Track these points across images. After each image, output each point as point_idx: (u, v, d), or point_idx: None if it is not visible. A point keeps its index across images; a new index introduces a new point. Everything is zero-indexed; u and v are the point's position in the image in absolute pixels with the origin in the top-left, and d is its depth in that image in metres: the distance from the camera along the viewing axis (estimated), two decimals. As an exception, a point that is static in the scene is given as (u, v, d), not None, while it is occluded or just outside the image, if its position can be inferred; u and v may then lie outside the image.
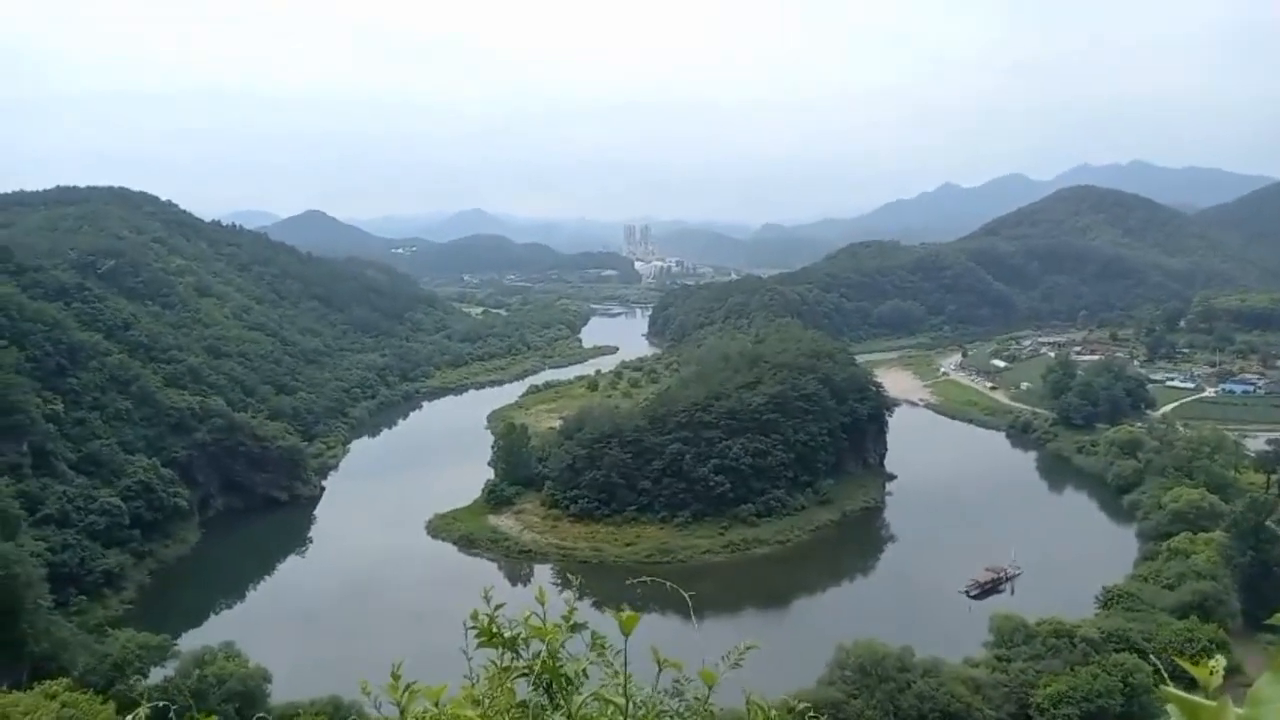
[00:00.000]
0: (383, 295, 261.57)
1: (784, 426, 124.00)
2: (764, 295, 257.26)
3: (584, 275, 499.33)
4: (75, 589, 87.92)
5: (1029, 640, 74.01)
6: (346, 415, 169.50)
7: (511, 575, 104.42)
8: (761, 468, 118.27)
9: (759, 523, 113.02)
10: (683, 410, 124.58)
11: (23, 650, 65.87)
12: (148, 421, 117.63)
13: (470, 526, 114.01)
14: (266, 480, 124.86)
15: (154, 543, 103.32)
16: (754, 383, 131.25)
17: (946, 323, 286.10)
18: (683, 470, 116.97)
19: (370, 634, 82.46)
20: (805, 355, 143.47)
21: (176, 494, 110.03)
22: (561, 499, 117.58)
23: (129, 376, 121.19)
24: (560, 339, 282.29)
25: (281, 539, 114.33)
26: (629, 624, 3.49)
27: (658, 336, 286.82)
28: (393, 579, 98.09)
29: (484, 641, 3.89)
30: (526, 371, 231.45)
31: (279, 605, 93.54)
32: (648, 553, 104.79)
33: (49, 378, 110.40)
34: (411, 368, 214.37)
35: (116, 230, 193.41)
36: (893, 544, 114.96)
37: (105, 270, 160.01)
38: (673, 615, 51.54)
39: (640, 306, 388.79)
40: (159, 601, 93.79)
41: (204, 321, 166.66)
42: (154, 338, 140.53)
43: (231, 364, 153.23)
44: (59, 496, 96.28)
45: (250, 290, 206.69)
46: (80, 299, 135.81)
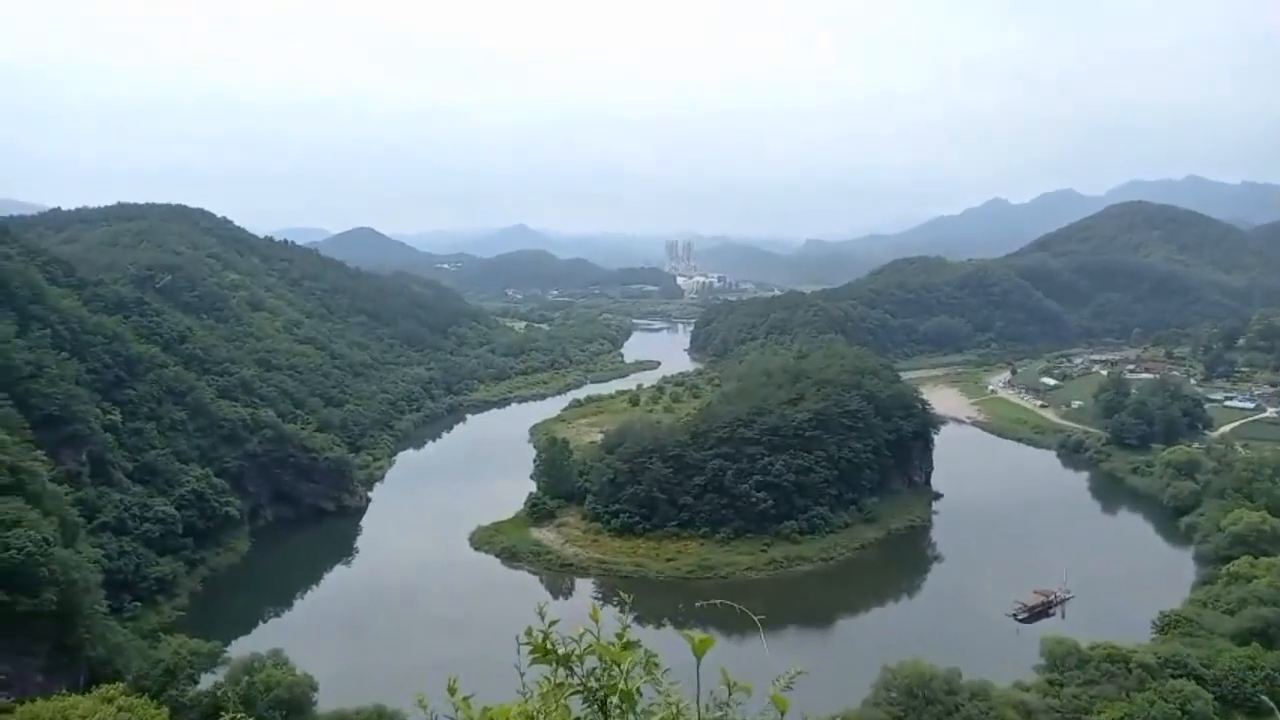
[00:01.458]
0: (428, 310, 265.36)
1: (827, 443, 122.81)
2: (807, 311, 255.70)
3: (626, 290, 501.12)
4: (130, 595, 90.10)
5: (1082, 665, 72.04)
6: (392, 427, 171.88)
7: (553, 588, 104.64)
8: (804, 484, 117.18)
9: (802, 540, 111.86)
10: (724, 426, 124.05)
11: (80, 654, 67.68)
12: (201, 432, 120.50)
13: (512, 539, 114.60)
14: (315, 491, 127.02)
15: (206, 551, 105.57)
16: (796, 399, 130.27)
17: (994, 340, 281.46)
18: (724, 486, 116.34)
19: (414, 644, 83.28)
20: (849, 372, 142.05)
21: (228, 503, 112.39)
22: (602, 513, 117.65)
23: (184, 388, 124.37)
24: (602, 354, 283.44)
25: (329, 549, 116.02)
26: (702, 647, 3.51)
27: (699, 352, 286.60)
28: (436, 590, 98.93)
29: (538, 658, 3.96)
30: (568, 385, 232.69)
31: (325, 614, 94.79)
32: (689, 569, 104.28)
33: (108, 389, 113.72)
34: (456, 381, 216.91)
35: (174, 246, 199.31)
36: (938, 564, 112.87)
37: (163, 284, 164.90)
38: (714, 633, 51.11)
39: (682, 322, 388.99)
40: (210, 608, 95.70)
41: (256, 335, 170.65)
42: (208, 350, 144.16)
43: (282, 376, 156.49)
44: (116, 505, 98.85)
45: (301, 305, 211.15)
46: (139, 312, 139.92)
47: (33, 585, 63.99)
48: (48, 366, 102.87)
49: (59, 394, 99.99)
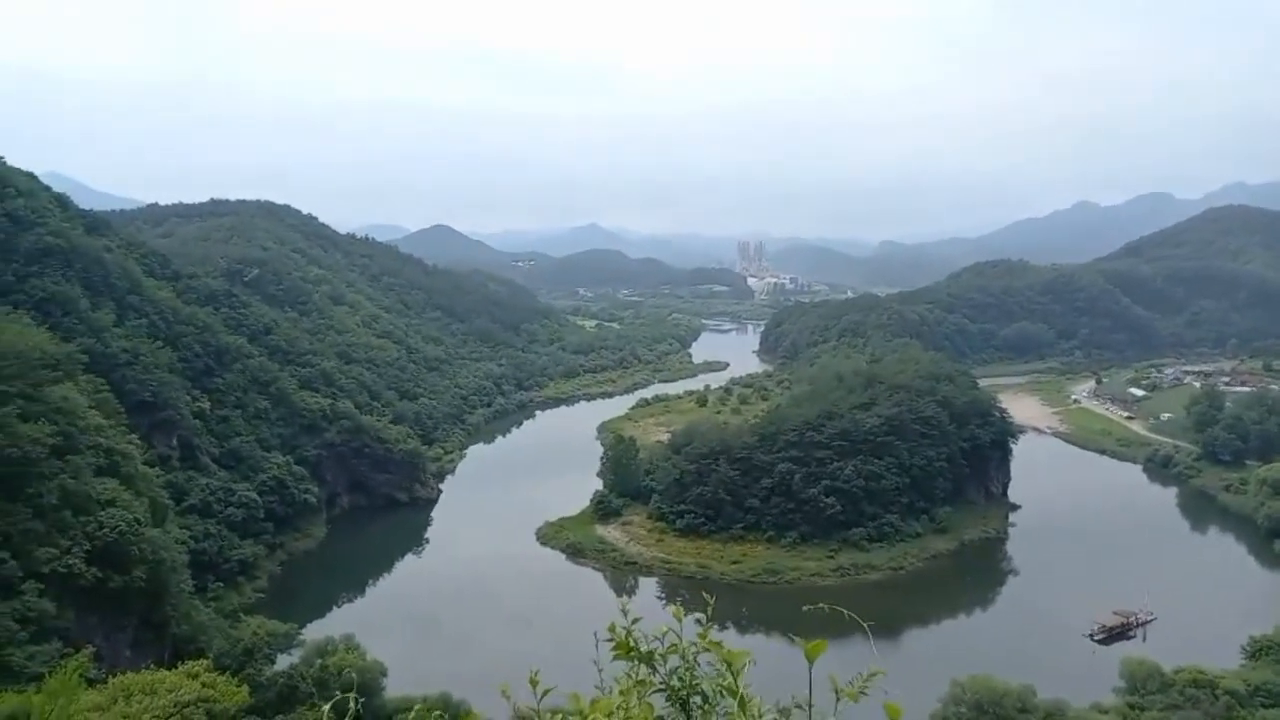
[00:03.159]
0: (501, 307, 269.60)
1: (899, 450, 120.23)
2: (881, 314, 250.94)
3: (696, 290, 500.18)
4: (213, 576, 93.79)
5: (1165, 689, 68.79)
6: (464, 421, 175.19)
7: (617, 586, 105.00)
8: (874, 491, 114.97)
9: (870, 548, 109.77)
10: (793, 429, 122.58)
11: (166, 631, 70.79)
12: (283, 421, 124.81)
13: (578, 535, 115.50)
14: (388, 481, 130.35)
15: (285, 536, 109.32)
16: (868, 404, 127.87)
17: (1079, 347, 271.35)
18: (792, 490, 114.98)
19: (480, 636, 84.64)
20: (924, 377, 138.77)
21: (307, 491, 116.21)
22: (668, 513, 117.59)
23: (268, 378, 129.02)
24: (671, 353, 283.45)
25: (400, 538, 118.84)
26: (815, 651, 3.41)
27: (769, 353, 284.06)
28: (503, 583, 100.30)
29: (620, 654, 3.91)
30: (636, 385, 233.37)
31: (395, 602, 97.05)
32: (754, 572, 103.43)
33: (198, 377, 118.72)
34: (526, 377, 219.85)
35: (262, 241, 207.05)
36: (1014, 578, 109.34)
37: (250, 278, 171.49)
38: (777, 638, 50.57)
39: (752, 323, 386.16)
40: (287, 591, 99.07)
41: (337, 328, 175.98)
42: (291, 342, 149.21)
43: (360, 369, 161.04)
44: (202, 488, 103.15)
45: (380, 300, 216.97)
46: (228, 304, 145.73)
47: (124, 563, 67.15)
48: (143, 355, 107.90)
49: (153, 381, 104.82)
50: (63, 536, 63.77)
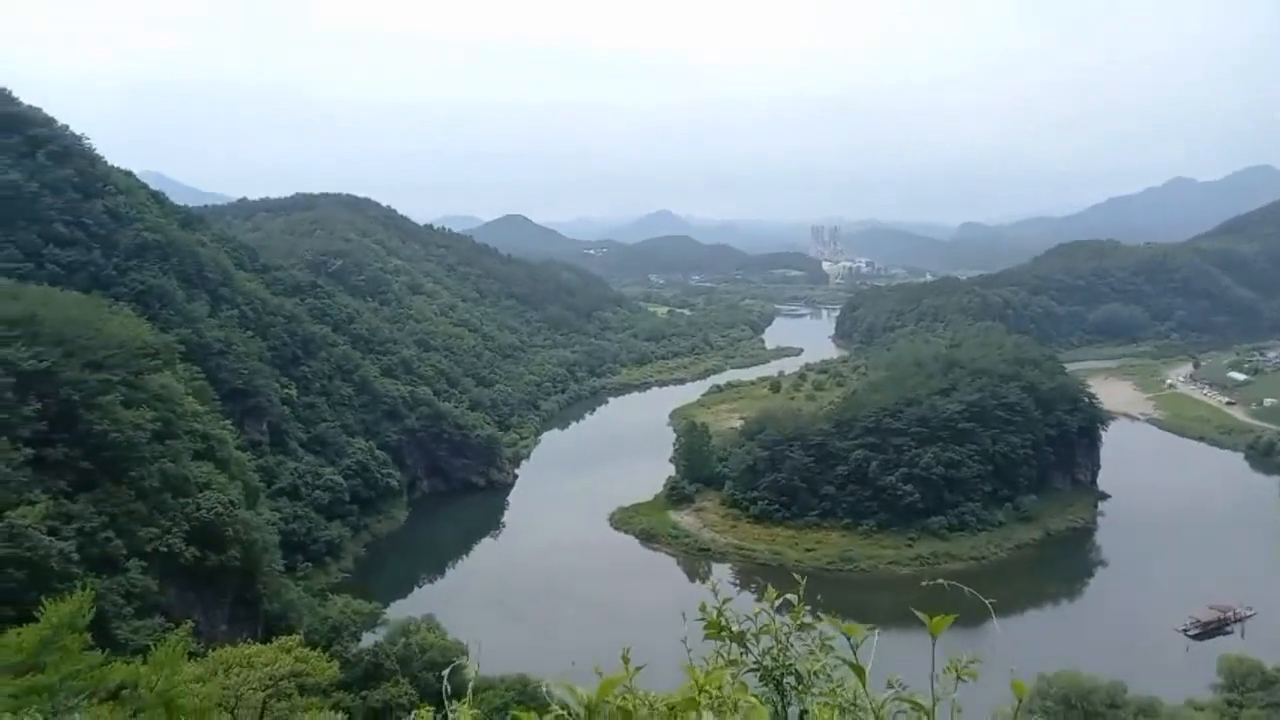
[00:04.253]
0: (574, 295, 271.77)
1: (981, 436, 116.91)
2: (962, 297, 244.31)
3: (769, 276, 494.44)
4: (302, 556, 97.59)
5: (1266, 686, 65.35)
6: (538, 408, 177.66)
7: (690, 572, 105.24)
8: (955, 479, 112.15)
9: (950, 537, 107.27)
10: (870, 415, 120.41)
11: (258, 607, 74.00)
12: (366, 407, 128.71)
13: (651, 521, 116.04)
14: (466, 466, 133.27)
15: (369, 518, 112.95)
16: (948, 389, 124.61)
17: (1174, 330, 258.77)
18: (868, 477, 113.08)
19: (555, 617, 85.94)
20: (1007, 361, 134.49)
21: (389, 475, 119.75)
22: (741, 499, 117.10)
23: (351, 366, 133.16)
24: (743, 339, 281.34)
25: (478, 521, 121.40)
26: (938, 625, 3.29)
27: (844, 339, 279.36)
28: (577, 566, 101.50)
29: (711, 634, 3.85)
30: (709, 371, 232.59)
31: (473, 584, 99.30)
32: (829, 560, 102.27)
33: (286, 365, 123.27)
34: (599, 364, 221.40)
35: (344, 233, 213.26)
36: (1102, 570, 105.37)
37: (334, 269, 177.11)
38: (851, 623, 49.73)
39: (827, 308, 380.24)
40: (371, 572, 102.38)
41: (415, 317, 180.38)
42: (373, 331, 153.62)
43: (438, 357, 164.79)
44: (291, 472, 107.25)
45: (456, 289, 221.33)
46: (313, 295, 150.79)
47: (220, 543, 70.35)
48: (235, 344, 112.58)
49: (244, 369, 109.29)
50: (163, 517, 67.11)
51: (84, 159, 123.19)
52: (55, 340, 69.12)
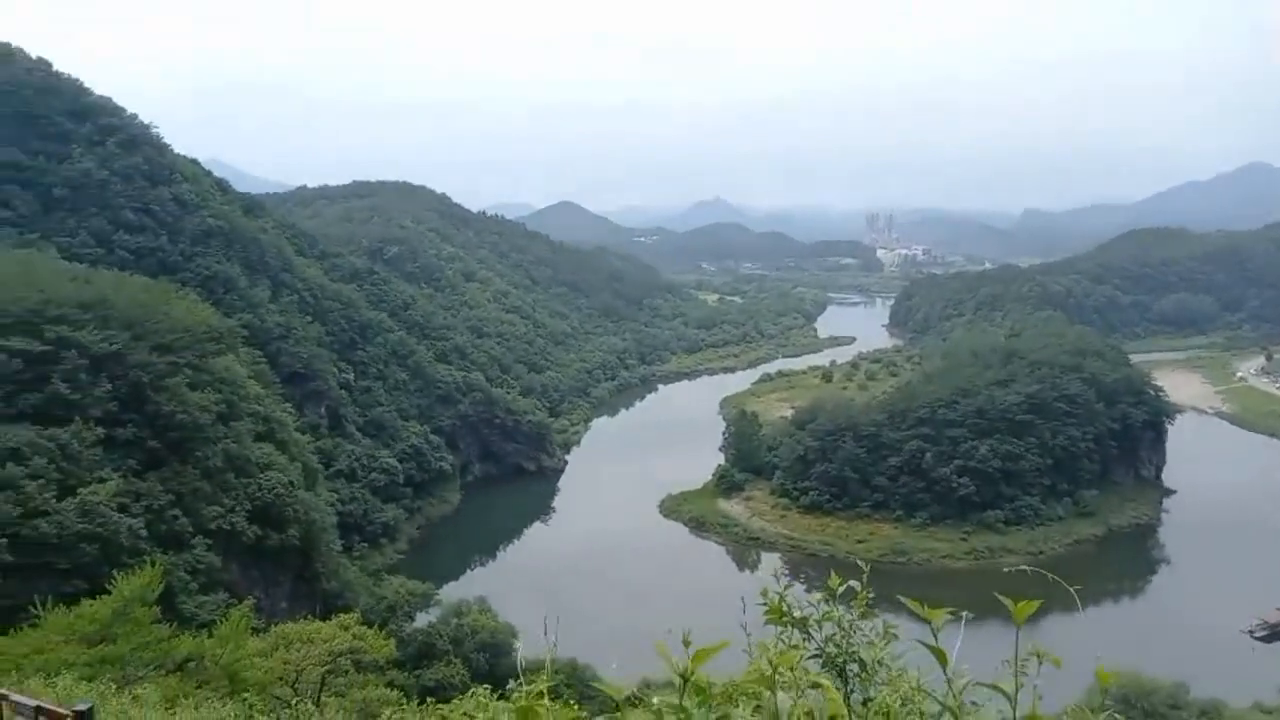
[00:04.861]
0: (624, 282, 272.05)
1: (1040, 429, 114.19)
2: (1022, 286, 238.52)
3: (822, 264, 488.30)
4: (359, 537, 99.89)
5: (1341, 693, 62.92)
6: (588, 395, 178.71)
7: (740, 561, 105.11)
8: (1012, 472, 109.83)
9: (1007, 531, 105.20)
10: (924, 406, 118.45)
11: (317, 586, 75.95)
12: (420, 392, 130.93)
13: (700, 509, 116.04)
14: (517, 451, 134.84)
15: (422, 501, 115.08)
16: (1007, 380, 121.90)
17: (1246, 320, 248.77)
18: (922, 469, 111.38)
19: (605, 603, 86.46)
20: (1069, 352, 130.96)
21: (442, 459, 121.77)
22: (791, 489, 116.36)
23: (406, 351, 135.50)
24: (795, 328, 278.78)
25: (529, 506, 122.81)
26: (1022, 612, 3.21)
27: (899, 328, 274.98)
28: (626, 552, 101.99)
29: (773, 618, 3.80)
30: (760, 359, 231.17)
31: (524, 567, 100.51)
32: (881, 552, 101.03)
33: (343, 350, 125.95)
34: (649, 352, 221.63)
35: (400, 220, 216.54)
36: (1165, 568, 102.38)
37: (390, 256, 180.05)
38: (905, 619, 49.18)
39: (881, 296, 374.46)
40: (424, 554, 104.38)
41: (469, 304, 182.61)
42: (427, 317, 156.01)
43: (490, 343, 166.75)
44: (348, 455, 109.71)
45: (509, 276, 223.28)
46: (370, 281, 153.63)
47: (280, 522, 72.33)
48: (295, 329, 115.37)
49: (304, 353, 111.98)
50: (226, 496, 69.19)
51: (152, 147, 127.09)
52: (125, 324, 71.53)
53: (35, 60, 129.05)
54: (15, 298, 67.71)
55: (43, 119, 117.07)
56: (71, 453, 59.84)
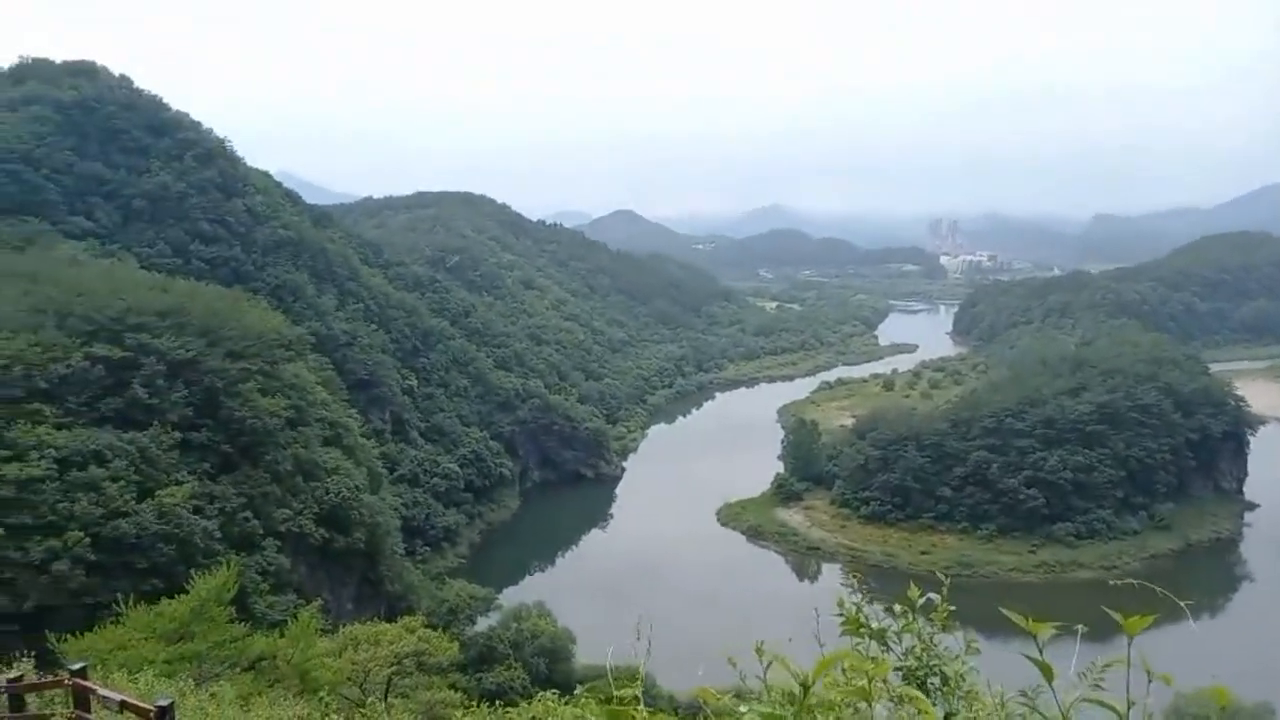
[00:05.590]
0: (682, 289, 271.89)
1: (1113, 440, 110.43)
2: (1093, 293, 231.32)
3: (883, 270, 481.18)
4: (421, 541, 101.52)
5: None
6: (645, 402, 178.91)
7: (799, 571, 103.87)
8: (1083, 484, 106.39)
9: (1078, 544, 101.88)
10: (990, 415, 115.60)
11: (381, 588, 77.51)
12: (480, 399, 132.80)
13: (758, 518, 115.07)
14: (575, 458, 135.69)
15: (483, 506, 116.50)
16: (1077, 389, 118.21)
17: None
18: (988, 480, 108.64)
19: (663, 611, 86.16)
20: (1143, 361, 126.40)
21: (502, 465, 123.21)
22: (852, 499, 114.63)
23: (467, 359, 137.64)
24: (855, 335, 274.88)
25: (587, 512, 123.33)
26: (1134, 626, 3.10)
27: (963, 336, 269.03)
28: (684, 560, 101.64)
29: (849, 630, 3.77)
30: (819, 367, 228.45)
31: (582, 573, 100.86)
32: (945, 564, 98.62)
33: (406, 357, 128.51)
34: (706, 359, 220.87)
35: (461, 230, 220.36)
36: (1247, 584, 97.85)
37: (451, 265, 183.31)
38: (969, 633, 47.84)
39: (945, 303, 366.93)
40: (484, 558, 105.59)
41: (528, 312, 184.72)
42: (487, 325, 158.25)
43: (549, 350, 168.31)
44: (411, 460, 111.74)
45: (567, 284, 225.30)
46: (432, 290, 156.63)
47: (346, 525, 74.09)
48: (360, 336, 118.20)
49: (369, 360, 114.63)
50: (295, 500, 71.15)
51: (226, 161, 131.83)
52: (200, 331, 74.19)
53: (118, 77, 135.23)
54: (99, 306, 70.85)
55: (124, 134, 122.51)
56: (150, 456, 62.26)
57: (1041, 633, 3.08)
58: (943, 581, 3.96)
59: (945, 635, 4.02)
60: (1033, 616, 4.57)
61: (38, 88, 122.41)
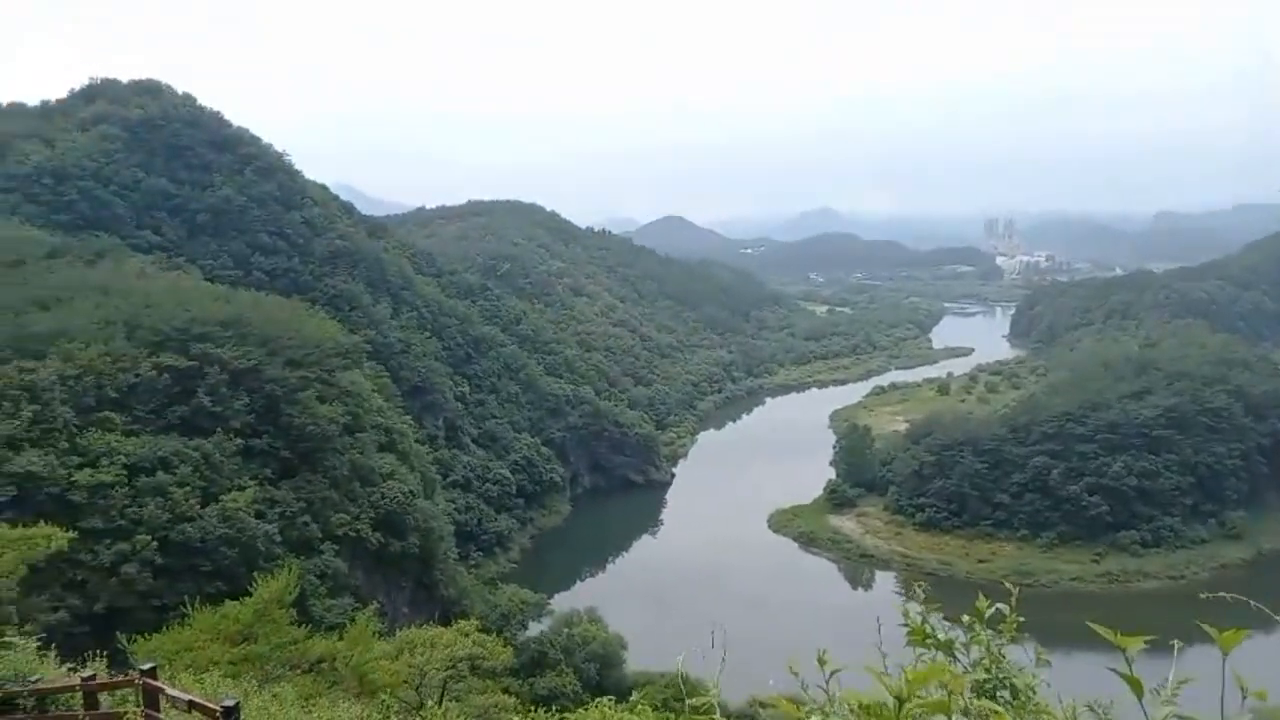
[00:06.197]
0: (730, 294, 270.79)
1: (1180, 445, 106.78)
2: (1157, 293, 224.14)
3: (937, 272, 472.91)
4: (474, 546, 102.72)
5: None
6: (695, 407, 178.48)
7: (852, 578, 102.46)
8: (1149, 491, 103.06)
9: (1143, 553, 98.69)
10: (1050, 420, 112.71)
11: (435, 592, 78.53)
12: (531, 405, 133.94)
13: (810, 524, 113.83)
14: (625, 463, 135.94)
15: (534, 511, 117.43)
16: (1142, 393, 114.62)
17: None
18: (1048, 486, 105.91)
19: (715, 618, 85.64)
20: (1212, 363, 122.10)
21: (553, 470, 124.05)
22: (906, 506, 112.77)
23: (518, 365, 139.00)
24: (908, 339, 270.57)
25: (637, 518, 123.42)
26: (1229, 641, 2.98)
27: (1021, 338, 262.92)
28: (735, 567, 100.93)
29: (915, 640, 3.69)
30: (871, 371, 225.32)
31: (632, 579, 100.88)
32: (1004, 572, 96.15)
33: (459, 364, 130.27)
34: (756, 364, 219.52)
35: (512, 238, 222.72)
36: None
37: (502, 273, 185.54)
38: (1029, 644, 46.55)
39: (1001, 305, 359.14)
40: (536, 563, 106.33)
41: (577, 318, 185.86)
42: (537, 331, 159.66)
43: (598, 357, 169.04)
44: (464, 465, 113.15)
45: (615, 290, 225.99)
46: (483, 297, 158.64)
47: (402, 530, 75.29)
48: (414, 344, 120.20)
49: (422, 368, 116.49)
50: (352, 504, 72.55)
51: (285, 174, 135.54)
52: (261, 340, 76.24)
53: (181, 95, 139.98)
54: (166, 317, 73.32)
55: (188, 150, 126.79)
56: (214, 462, 64.15)
57: (1131, 647, 2.93)
58: (1010, 591, 3.84)
59: (1012, 647, 3.91)
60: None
61: (106, 107, 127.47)
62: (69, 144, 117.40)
